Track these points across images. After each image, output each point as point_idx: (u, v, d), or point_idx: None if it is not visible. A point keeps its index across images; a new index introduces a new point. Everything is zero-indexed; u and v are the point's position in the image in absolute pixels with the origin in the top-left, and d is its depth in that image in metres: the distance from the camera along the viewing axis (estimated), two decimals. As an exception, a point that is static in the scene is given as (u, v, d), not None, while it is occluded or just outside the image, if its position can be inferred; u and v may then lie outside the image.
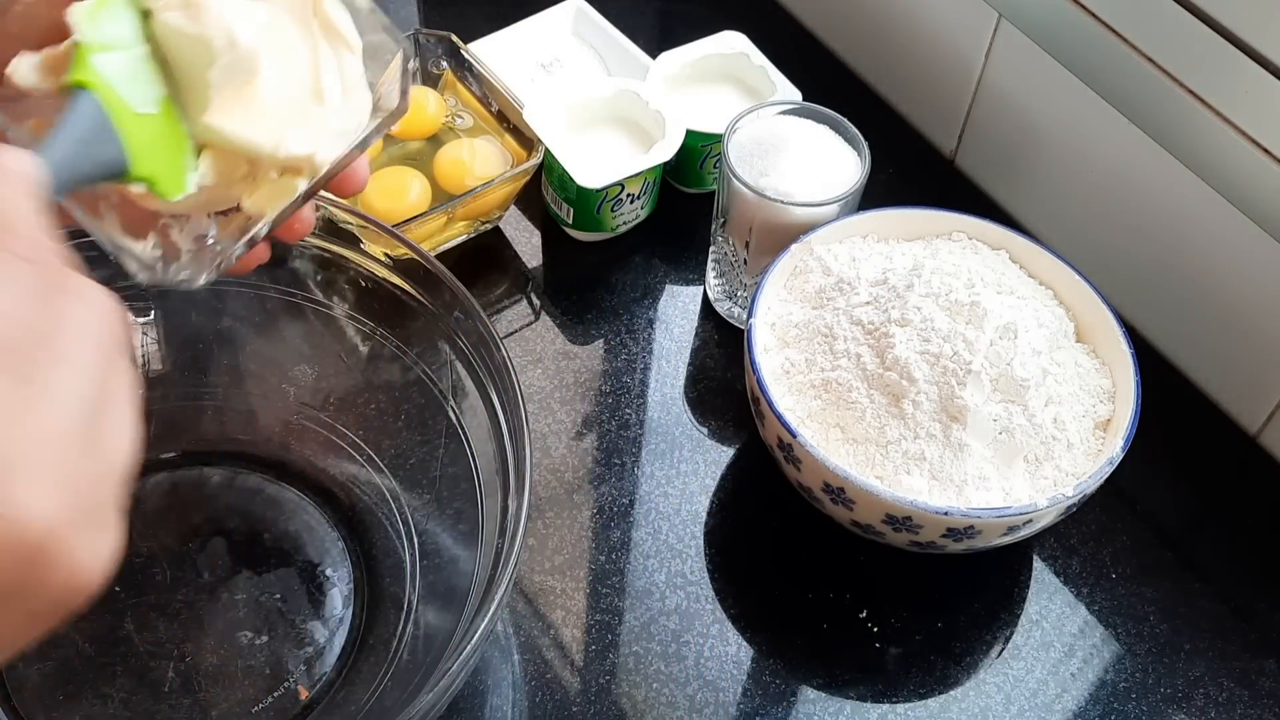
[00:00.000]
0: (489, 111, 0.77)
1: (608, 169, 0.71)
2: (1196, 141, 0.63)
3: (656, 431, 0.69)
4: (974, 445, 0.57)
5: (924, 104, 0.84)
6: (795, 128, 0.68)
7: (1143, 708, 0.60)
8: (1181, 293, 0.70)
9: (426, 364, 0.61)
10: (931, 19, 0.79)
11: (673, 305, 0.75)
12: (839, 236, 0.66)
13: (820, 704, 0.59)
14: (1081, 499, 0.57)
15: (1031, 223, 0.78)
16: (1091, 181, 0.73)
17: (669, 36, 0.85)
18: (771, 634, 0.61)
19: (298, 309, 0.63)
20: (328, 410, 0.65)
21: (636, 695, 0.59)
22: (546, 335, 0.73)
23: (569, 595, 0.62)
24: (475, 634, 0.47)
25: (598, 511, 0.65)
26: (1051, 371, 0.60)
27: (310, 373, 0.65)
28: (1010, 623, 0.63)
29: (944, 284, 0.60)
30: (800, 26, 0.91)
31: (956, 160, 0.83)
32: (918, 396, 0.58)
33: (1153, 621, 0.63)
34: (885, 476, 0.58)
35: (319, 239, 0.60)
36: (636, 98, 0.75)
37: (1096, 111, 0.69)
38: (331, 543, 0.63)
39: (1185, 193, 0.66)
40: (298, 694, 0.58)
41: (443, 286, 0.57)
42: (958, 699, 0.60)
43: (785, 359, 0.62)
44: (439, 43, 0.78)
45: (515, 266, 0.76)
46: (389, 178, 0.73)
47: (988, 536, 0.57)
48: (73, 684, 0.57)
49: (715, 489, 0.67)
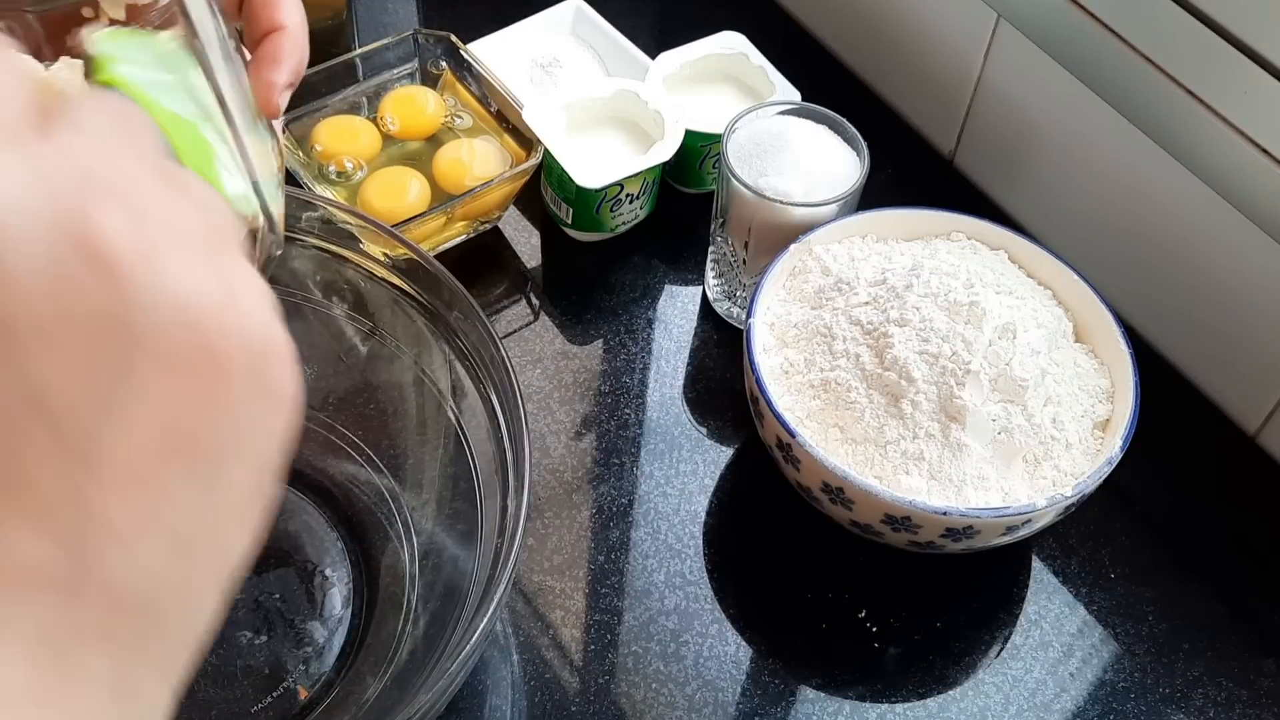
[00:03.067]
0: (488, 111, 0.77)
1: (607, 169, 0.71)
2: (1196, 142, 0.63)
3: (655, 431, 0.69)
4: (973, 445, 0.58)
5: (923, 104, 0.84)
6: (794, 128, 0.68)
7: (1141, 707, 0.60)
8: (1181, 293, 0.70)
9: (426, 364, 0.61)
10: (931, 19, 0.79)
11: (672, 305, 0.75)
12: (838, 236, 0.66)
13: (819, 704, 0.59)
14: (1080, 499, 0.57)
15: (1030, 223, 0.78)
16: (1091, 182, 0.73)
17: (668, 36, 0.85)
18: (770, 634, 0.61)
19: (297, 309, 0.63)
20: (327, 410, 0.65)
21: (635, 695, 0.59)
22: (546, 335, 0.73)
23: (568, 595, 0.62)
24: (475, 634, 0.47)
25: (597, 511, 0.65)
26: (1050, 371, 0.60)
27: (310, 373, 0.65)
28: (1009, 623, 0.63)
29: (943, 284, 0.60)
30: (800, 26, 0.91)
31: (955, 160, 0.83)
32: (916, 396, 0.58)
33: (1151, 621, 0.63)
34: (884, 476, 0.58)
35: (319, 239, 0.60)
36: (636, 98, 0.75)
37: (1096, 112, 0.69)
38: (331, 543, 0.63)
39: (1185, 193, 0.66)
40: (297, 694, 0.58)
41: (442, 286, 0.57)
42: (956, 699, 0.60)
43: (784, 359, 0.62)
44: (438, 43, 0.78)
45: (515, 266, 0.76)
46: (388, 178, 0.73)
47: (986, 536, 0.57)
48: (72, 684, 0.57)
49: (714, 489, 0.67)
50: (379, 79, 0.78)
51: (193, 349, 0.23)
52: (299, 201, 0.60)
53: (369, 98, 0.78)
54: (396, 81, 0.79)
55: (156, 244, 0.22)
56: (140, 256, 0.22)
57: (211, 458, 0.24)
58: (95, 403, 0.22)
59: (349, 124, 0.75)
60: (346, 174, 0.73)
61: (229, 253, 0.25)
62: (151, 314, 0.22)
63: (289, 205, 0.60)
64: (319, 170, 0.73)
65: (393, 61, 0.78)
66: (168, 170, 0.24)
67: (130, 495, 0.22)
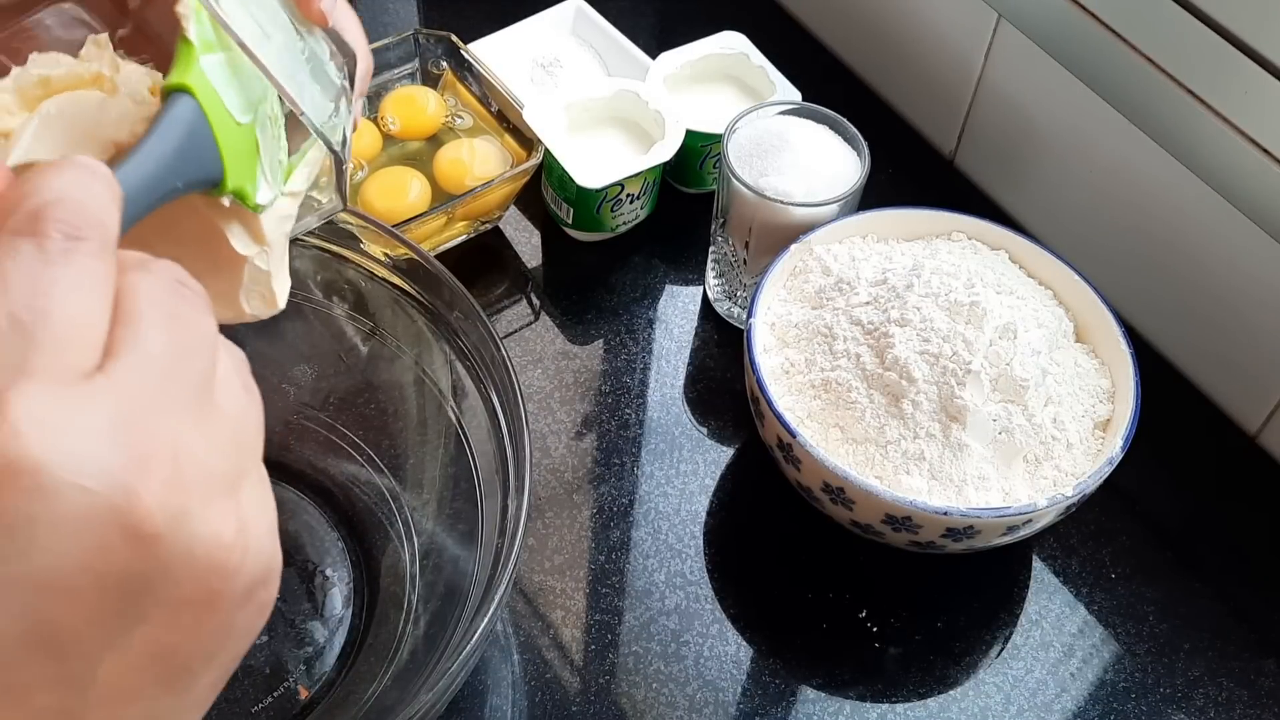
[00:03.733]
0: (489, 111, 0.77)
1: (607, 169, 0.71)
2: (1196, 142, 0.63)
3: (656, 431, 0.69)
4: (973, 445, 0.58)
5: (924, 104, 0.84)
6: (795, 128, 0.68)
7: (1142, 707, 0.60)
8: (1181, 293, 0.70)
9: (426, 364, 0.61)
10: (931, 19, 0.79)
11: (672, 305, 0.75)
12: (839, 236, 0.66)
13: (820, 704, 0.59)
14: (1081, 499, 0.57)
15: (1031, 223, 0.78)
16: (1091, 182, 0.73)
17: (669, 36, 0.85)
18: (771, 634, 0.61)
19: (298, 309, 0.63)
20: (328, 410, 0.65)
21: (636, 695, 0.59)
22: (546, 335, 0.73)
23: (569, 595, 0.62)
24: (475, 634, 0.47)
25: (597, 511, 0.65)
26: (1051, 371, 0.60)
27: (310, 373, 0.65)
28: (1010, 623, 0.63)
29: (943, 284, 0.60)
30: (800, 26, 0.91)
31: (956, 160, 0.83)
32: (917, 396, 0.58)
33: (1152, 621, 0.63)
34: (885, 476, 0.58)
35: (319, 239, 0.60)
36: (636, 98, 0.75)
37: (1096, 111, 0.69)
38: (331, 543, 0.63)
39: (1185, 193, 0.66)
40: (298, 694, 0.58)
41: (443, 286, 0.57)
42: (957, 699, 0.60)
43: (785, 359, 0.62)
44: (439, 43, 0.78)
45: (515, 266, 0.76)
46: (389, 178, 0.73)
47: (987, 536, 0.57)
48: (73, 684, 0.57)
49: (715, 489, 0.67)
50: (379, 79, 0.78)
51: (199, 594, 0.25)
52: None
53: (369, 98, 0.78)
54: (397, 81, 0.79)
55: (188, 503, 0.24)
56: (173, 521, 0.24)
57: (193, 672, 0.26)
58: (101, 641, 0.24)
59: (349, 124, 0.75)
60: (347, 174, 0.73)
61: (248, 478, 0.27)
62: (170, 570, 0.24)
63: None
64: (319, 170, 0.73)
65: (393, 61, 0.78)
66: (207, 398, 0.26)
67: (113, 712, 0.25)
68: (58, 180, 0.25)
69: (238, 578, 0.26)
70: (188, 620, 0.25)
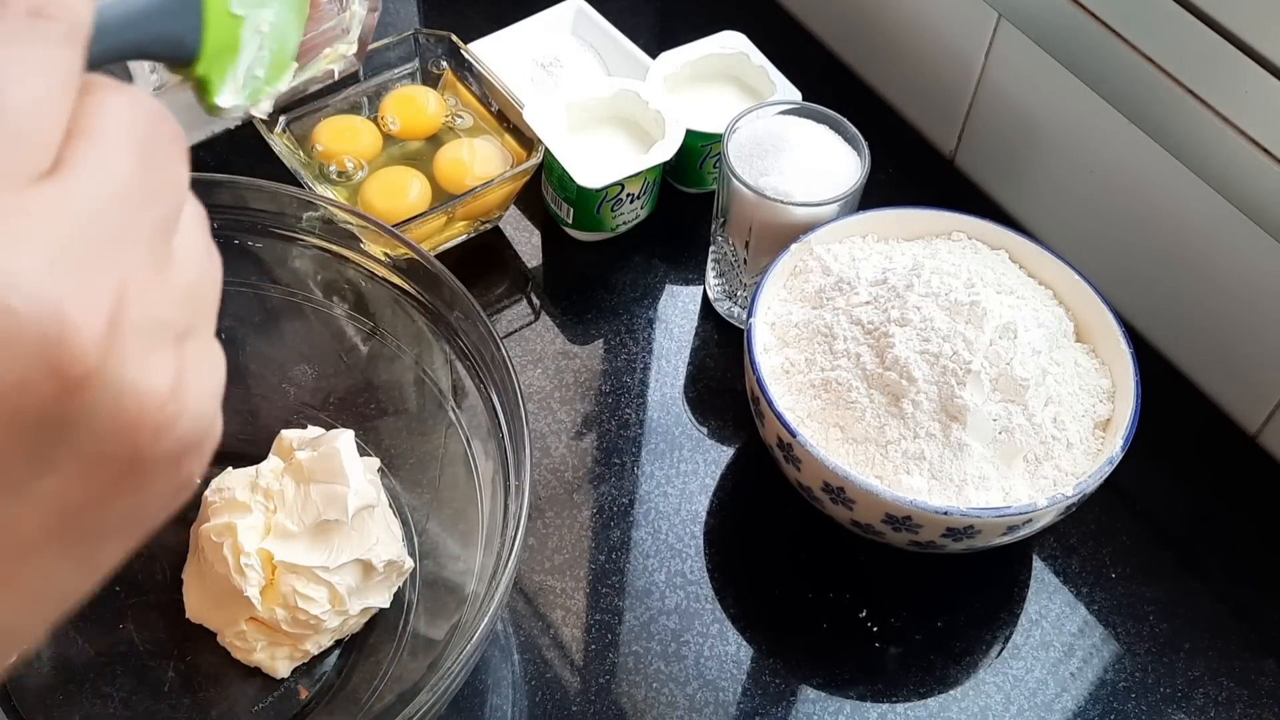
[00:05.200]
0: (489, 111, 0.77)
1: (608, 169, 0.71)
2: (1196, 141, 0.63)
3: (656, 431, 0.69)
4: (973, 445, 0.58)
5: (924, 104, 0.84)
6: (795, 128, 0.68)
7: (1142, 707, 0.60)
8: (1181, 293, 0.70)
9: (426, 364, 0.61)
10: (931, 19, 0.79)
11: (672, 305, 0.75)
12: (839, 236, 0.66)
13: (820, 703, 0.59)
14: (1081, 499, 0.57)
15: (1031, 222, 0.78)
16: (1091, 181, 0.73)
17: (669, 36, 0.85)
18: (771, 633, 0.61)
19: (298, 309, 0.63)
20: (328, 410, 0.65)
21: (636, 695, 0.59)
22: (546, 335, 0.73)
23: (569, 595, 0.62)
24: (475, 634, 0.47)
25: (597, 511, 0.65)
26: (1051, 371, 0.60)
27: (310, 373, 0.65)
28: (1010, 622, 0.63)
29: (943, 284, 0.60)
30: (800, 26, 0.91)
31: (956, 160, 0.83)
32: (917, 396, 0.58)
33: (1152, 621, 0.63)
34: (885, 476, 0.58)
35: (319, 239, 0.60)
36: (636, 98, 0.75)
37: (1096, 111, 0.69)
38: (331, 542, 0.62)
39: (1185, 193, 0.66)
40: (297, 694, 0.58)
41: (443, 286, 0.57)
42: (957, 699, 0.60)
43: (785, 359, 0.62)
44: (439, 43, 0.78)
45: (515, 266, 0.76)
46: (389, 177, 0.73)
47: (987, 536, 0.57)
48: (73, 684, 0.57)
49: (715, 489, 0.67)
50: (380, 79, 0.78)
51: (119, 451, 0.22)
52: (300, 201, 0.60)
53: (370, 97, 0.78)
54: (397, 81, 0.79)
55: (123, 349, 0.21)
56: (105, 364, 0.21)
57: (97, 539, 0.23)
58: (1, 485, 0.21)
59: (350, 124, 0.75)
60: (347, 174, 0.73)
61: (196, 334, 0.24)
62: (91, 418, 0.21)
63: (290, 205, 0.60)
64: (320, 170, 0.73)
65: (393, 61, 0.78)
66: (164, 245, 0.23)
67: (5, 570, 0.22)
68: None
69: (166, 438, 0.22)
70: (103, 478, 0.22)
